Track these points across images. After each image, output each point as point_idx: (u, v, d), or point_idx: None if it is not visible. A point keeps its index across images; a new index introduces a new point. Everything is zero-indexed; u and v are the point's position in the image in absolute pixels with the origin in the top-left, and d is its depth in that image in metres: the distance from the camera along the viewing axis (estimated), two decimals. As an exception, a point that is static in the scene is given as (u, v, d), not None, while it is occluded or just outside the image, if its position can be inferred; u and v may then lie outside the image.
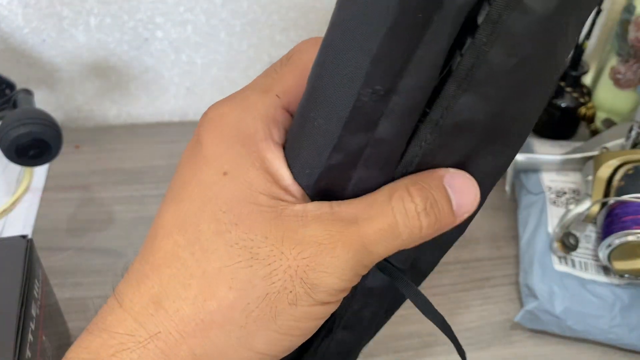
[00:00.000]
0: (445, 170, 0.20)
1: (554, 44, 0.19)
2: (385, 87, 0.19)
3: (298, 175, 0.21)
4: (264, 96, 0.21)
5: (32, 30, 0.55)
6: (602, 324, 0.42)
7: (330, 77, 0.19)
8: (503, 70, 0.18)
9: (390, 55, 0.18)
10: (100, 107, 0.63)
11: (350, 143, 0.20)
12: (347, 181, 0.21)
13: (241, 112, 0.20)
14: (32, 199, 0.53)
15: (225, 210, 0.19)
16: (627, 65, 0.57)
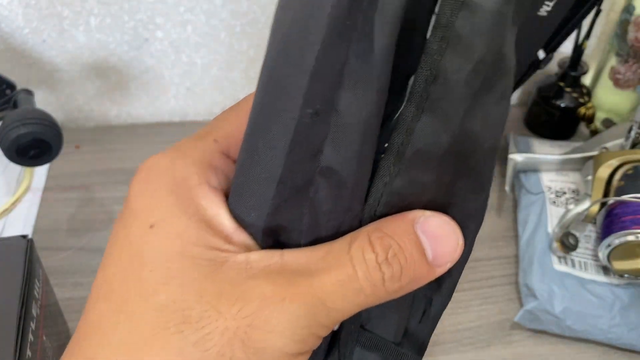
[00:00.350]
0: (419, 213, 0.18)
1: (503, 43, 0.17)
2: (325, 106, 0.17)
3: (243, 221, 0.18)
4: (200, 142, 0.19)
5: (32, 30, 0.55)
6: (602, 323, 0.42)
7: (268, 104, 0.18)
8: (459, 80, 0.17)
9: (327, 69, 0.17)
10: (100, 107, 0.63)
11: (296, 176, 0.18)
12: (299, 226, 0.18)
13: (173, 160, 0.19)
14: (33, 199, 0.53)
15: (152, 269, 0.17)
16: (627, 65, 0.58)
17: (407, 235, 0.17)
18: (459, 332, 0.44)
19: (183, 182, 0.18)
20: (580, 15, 0.54)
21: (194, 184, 0.18)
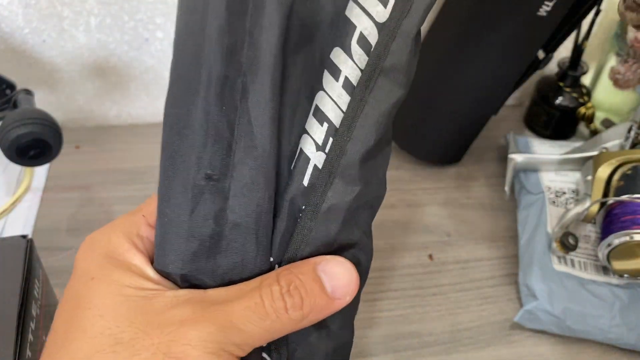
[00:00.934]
0: (321, 258, 0.22)
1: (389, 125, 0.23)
2: (217, 172, 0.21)
3: (165, 272, 0.22)
4: (131, 217, 0.24)
5: (32, 30, 0.55)
6: (602, 323, 0.42)
7: (169, 175, 0.22)
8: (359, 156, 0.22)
9: (215, 138, 0.21)
10: (100, 107, 0.63)
11: (201, 231, 0.21)
12: (216, 270, 0.22)
13: (108, 234, 0.23)
14: (33, 199, 0.53)
15: (91, 307, 0.21)
16: (627, 65, 0.58)
17: (309, 273, 0.21)
18: (458, 332, 0.44)
19: (115, 250, 0.22)
20: (579, 16, 0.54)
21: (124, 250, 0.22)
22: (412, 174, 0.58)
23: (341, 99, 0.22)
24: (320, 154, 0.22)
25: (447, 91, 0.52)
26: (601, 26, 0.63)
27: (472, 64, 0.50)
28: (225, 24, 0.20)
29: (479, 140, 0.61)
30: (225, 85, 0.21)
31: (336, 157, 0.22)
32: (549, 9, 0.45)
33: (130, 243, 0.23)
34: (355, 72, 0.22)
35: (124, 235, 0.23)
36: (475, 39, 0.49)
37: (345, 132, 0.22)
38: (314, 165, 0.22)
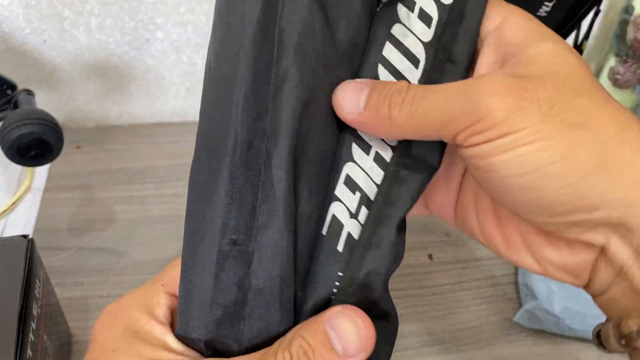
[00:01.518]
0: (330, 312, 0.21)
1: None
2: (242, 237, 0.21)
3: (196, 335, 0.22)
4: (149, 287, 0.24)
5: (33, 30, 0.55)
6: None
7: (196, 236, 0.22)
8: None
9: (240, 203, 0.21)
10: (101, 108, 0.63)
11: (225, 297, 0.21)
12: (240, 336, 0.22)
13: (127, 306, 0.23)
14: (33, 199, 0.53)
15: None
16: (626, 65, 0.58)
17: (318, 334, 0.20)
18: (458, 332, 0.44)
19: (135, 322, 0.22)
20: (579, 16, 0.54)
21: (144, 322, 0.22)
22: (412, 174, 0.58)
23: (373, 171, 0.23)
24: (354, 222, 0.23)
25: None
26: (601, 26, 0.63)
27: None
28: (251, 94, 0.21)
29: (479, 140, 0.62)
30: (250, 150, 0.21)
31: (373, 227, 0.22)
32: (548, 9, 0.46)
33: (150, 315, 0.23)
34: (386, 149, 0.23)
35: (144, 307, 0.23)
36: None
37: (381, 204, 0.23)
38: (348, 233, 0.23)
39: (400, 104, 0.21)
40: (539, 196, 0.19)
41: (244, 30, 0.22)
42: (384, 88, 0.21)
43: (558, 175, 0.19)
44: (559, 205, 0.19)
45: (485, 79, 0.20)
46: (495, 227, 0.24)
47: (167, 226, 0.51)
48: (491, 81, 0.20)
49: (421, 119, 0.21)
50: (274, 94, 0.21)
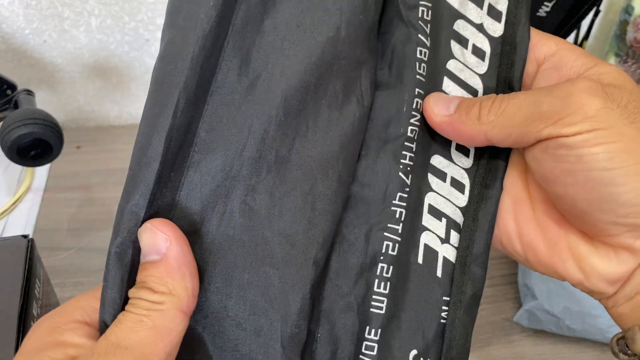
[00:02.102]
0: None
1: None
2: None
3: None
4: (75, 301, 0.24)
5: (33, 31, 0.55)
6: (601, 323, 0.42)
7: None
8: None
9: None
10: (101, 108, 0.63)
11: None
12: None
13: (51, 316, 0.24)
14: (34, 199, 0.53)
15: None
16: (626, 65, 0.58)
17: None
18: (458, 332, 0.44)
19: (55, 327, 0.23)
20: (579, 16, 0.54)
21: (62, 324, 0.23)
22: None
23: (452, 195, 0.24)
24: (447, 246, 0.24)
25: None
26: (600, 27, 0.63)
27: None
28: (192, 96, 0.22)
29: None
30: (179, 152, 0.22)
31: (467, 248, 0.24)
32: (548, 9, 0.46)
33: (70, 317, 0.23)
34: (460, 172, 0.25)
35: (64, 313, 0.24)
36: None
37: (471, 225, 0.24)
38: (443, 258, 0.24)
39: (490, 105, 0.23)
40: (618, 192, 0.21)
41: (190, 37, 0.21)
42: (472, 99, 0.24)
43: (637, 178, 0.20)
44: (632, 205, 0.21)
45: (577, 81, 0.22)
46: (538, 235, 0.24)
47: (167, 226, 0.51)
48: (580, 82, 0.22)
49: (509, 117, 0.22)
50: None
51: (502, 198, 0.25)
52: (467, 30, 0.25)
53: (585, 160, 0.21)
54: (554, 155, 0.22)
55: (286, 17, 0.22)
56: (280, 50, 0.22)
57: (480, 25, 0.25)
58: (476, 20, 0.25)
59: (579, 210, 0.22)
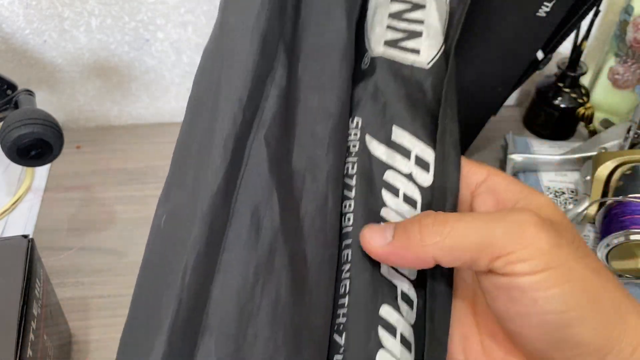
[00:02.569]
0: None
1: None
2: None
3: None
4: None
5: (33, 31, 0.55)
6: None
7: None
8: None
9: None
10: (101, 108, 0.63)
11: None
12: None
13: None
14: (34, 199, 0.53)
15: None
16: (626, 65, 0.58)
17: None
18: (458, 332, 0.44)
19: None
20: (579, 16, 0.54)
21: None
22: (411, 174, 0.58)
23: (408, 315, 0.24)
24: None
25: (446, 91, 0.52)
26: (600, 27, 0.63)
27: (471, 64, 0.50)
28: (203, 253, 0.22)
29: (479, 140, 0.62)
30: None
31: None
32: (548, 9, 0.46)
33: None
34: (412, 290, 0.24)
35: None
36: (475, 39, 0.49)
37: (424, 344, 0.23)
38: None
39: (432, 223, 0.22)
40: (574, 333, 0.20)
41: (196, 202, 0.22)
42: (409, 220, 0.23)
43: (591, 318, 0.20)
44: (588, 343, 0.20)
45: (525, 211, 0.21)
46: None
47: (167, 226, 0.51)
48: (532, 215, 0.21)
49: (457, 240, 0.21)
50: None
51: (451, 332, 0.24)
52: (397, 180, 0.26)
53: (540, 304, 0.20)
54: (507, 296, 0.21)
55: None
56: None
57: (409, 175, 0.26)
58: (405, 170, 0.26)
59: (533, 347, 0.22)
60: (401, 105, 0.27)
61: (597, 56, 0.63)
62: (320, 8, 0.28)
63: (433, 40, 0.29)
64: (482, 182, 0.25)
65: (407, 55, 0.28)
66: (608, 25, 0.63)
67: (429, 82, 0.28)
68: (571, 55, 0.58)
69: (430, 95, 0.28)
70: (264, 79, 0.25)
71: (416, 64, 0.28)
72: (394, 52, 0.29)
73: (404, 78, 0.28)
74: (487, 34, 0.48)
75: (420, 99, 0.28)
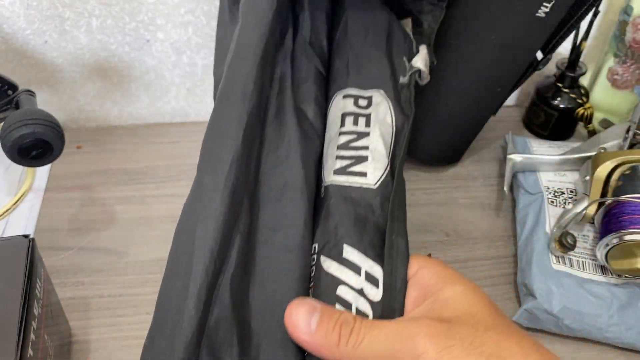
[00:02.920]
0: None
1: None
2: None
3: None
4: None
5: (34, 31, 0.56)
6: (600, 323, 0.42)
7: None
8: None
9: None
10: (101, 108, 0.63)
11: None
12: None
13: None
14: (34, 199, 0.53)
15: None
16: (625, 66, 0.58)
17: None
18: (457, 331, 0.44)
19: None
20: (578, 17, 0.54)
21: None
22: (411, 174, 0.58)
23: None
24: None
25: (446, 92, 0.52)
26: (599, 27, 0.63)
27: (471, 65, 0.50)
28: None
29: (478, 140, 0.62)
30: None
31: None
32: (547, 10, 0.46)
33: None
34: None
35: None
36: (474, 40, 0.49)
37: None
38: None
39: (348, 335, 0.25)
40: None
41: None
42: (333, 315, 0.26)
43: None
44: None
45: (419, 322, 0.25)
46: None
47: (168, 226, 0.51)
48: (424, 324, 0.24)
49: (365, 351, 0.24)
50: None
51: None
52: (349, 294, 0.28)
53: None
54: None
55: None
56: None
57: (360, 290, 0.28)
58: (356, 286, 0.29)
59: None
60: (350, 225, 0.31)
61: (597, 56, 0.63)
62: (278, 158, 0.33)
63: (378, 163, 0.34)
64: (413, 275, 0.28)
65: (356, 179, 0.33)
66: (607, 26, 0.63)
67: (377, 201, 0.32)
68: (570, 56, 0.58)
69: (379, 212, 0.32)
70: (232, 230, 0.29)
71: (364, 186, 0.33)
72: (342, 178, 0.33)
73: (353, 200, 0.32)
74: (487, 35, 0.48)
75: (369, 217, 0.31)
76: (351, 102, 0.37)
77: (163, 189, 0.55)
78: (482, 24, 0.48)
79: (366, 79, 0.38)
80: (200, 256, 0.27)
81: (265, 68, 0.33)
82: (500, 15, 0.47)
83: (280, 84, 0.36)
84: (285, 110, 0.35)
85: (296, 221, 0.31)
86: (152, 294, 0.46)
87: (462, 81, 0.51)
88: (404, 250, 0.31)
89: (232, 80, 0.32)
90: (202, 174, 0.30)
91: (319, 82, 0.39)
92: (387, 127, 0.36)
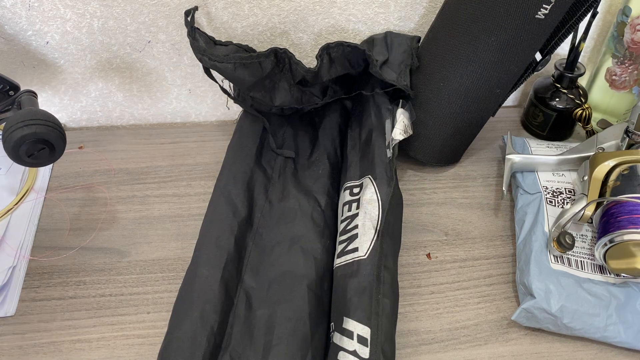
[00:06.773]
0: None
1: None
2: None
3: None
4: None
5: (35, 32, 0.56)
6: (598, 322, 0.42)
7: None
8: None
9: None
10: (103, 109, 0.64)
11: None
12: None
13: None
14: (36, 199, 0.53)
15: None
16: (623, 66, 0.58)
17: None
18: (456, 330, 0.44)
19: None
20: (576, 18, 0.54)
21: None
22: (410, 174, 0.58)
23: None
24: None
25: (445, 92, 0.52)
26: (598, 28, 0.64)
27: (471, 66, 0.50)
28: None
29: (477, 141, 0.62)
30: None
31: None
32: (546, 12, 0.46)
33: None
34: None
35: None
36: (474, 41, 0.49)
37: None
38: None
39: None
40: None
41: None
42: None
43: None
44: None
45: None
46: None
47: (169, 226, 0.52)
48: None
49: None
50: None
51: None
52: (347, 358, 0.35)
53: None
54: None
55: None
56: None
57: (354, 352, 0.35)
58: (350, 348, 0.36)
59: None
60: (348, 298, 0.38)
61: (595, 57, 0.64)
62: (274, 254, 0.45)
63: (367, 236, 0.42)
64: None
65: (352, 255, 0.41)
66: (605, 27, 0.63)
67: (369, 267, 0.39)
68: (569, 57, 0.58)
69: (371, 277, 0.39)
70: (228, 314, 0.40)
71: (357, 258, 0.41)
72: (342, 259, 0.42)
73: (352, 274, 0.40)
74: (487, 37, 0.48)
75: (364, 284, 0.38)
76: (348, 192, 0.47)
77: (164, 189, 0.56)
78: (481, 26, 0.48)
79: (361, 170, 0.48)
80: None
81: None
82: (500, 17, 0.47)
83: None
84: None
85: (302, 314, 0.39)
86: (152, 294, 0.46)
87: (462, 83, 0.51)
88: (389, 310, 0.38)
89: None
90: (197, 263, 0.42)
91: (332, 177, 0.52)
92: (374, 202, 0.43)
